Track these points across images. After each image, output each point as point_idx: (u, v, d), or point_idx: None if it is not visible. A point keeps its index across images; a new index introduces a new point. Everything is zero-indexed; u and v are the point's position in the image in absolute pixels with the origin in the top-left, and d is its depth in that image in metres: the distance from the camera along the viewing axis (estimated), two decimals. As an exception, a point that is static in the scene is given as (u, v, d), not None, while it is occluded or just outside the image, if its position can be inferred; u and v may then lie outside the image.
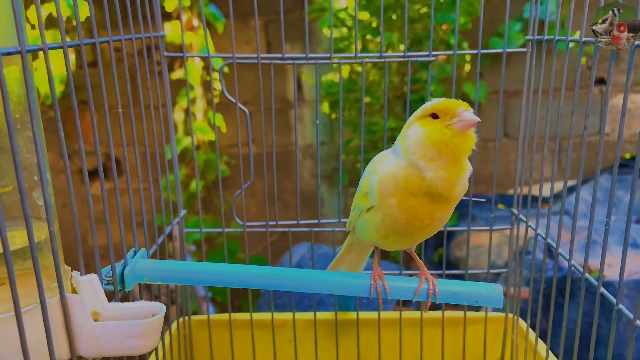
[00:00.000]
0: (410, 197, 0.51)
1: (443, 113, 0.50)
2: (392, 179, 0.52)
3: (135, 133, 0.54)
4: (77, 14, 0.43)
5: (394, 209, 0.52)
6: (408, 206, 0.51)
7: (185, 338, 0.79)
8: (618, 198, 1.45)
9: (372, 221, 0.55)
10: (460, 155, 0.50)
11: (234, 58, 0.71)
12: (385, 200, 0.52)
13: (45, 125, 0.45)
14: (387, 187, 0.52)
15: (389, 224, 0.53)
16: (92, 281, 0.45)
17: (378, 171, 0.53)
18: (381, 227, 0.54)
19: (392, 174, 0.52)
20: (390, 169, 0.52)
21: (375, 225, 0.55)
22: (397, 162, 0.52)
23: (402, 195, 0.51)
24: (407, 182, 0.51)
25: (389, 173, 0.52)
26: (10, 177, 0.41)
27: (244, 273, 0.57)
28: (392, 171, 0.52)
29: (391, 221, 0.53)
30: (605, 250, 0.48)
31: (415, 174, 0.50)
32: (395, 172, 0.52)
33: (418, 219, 0.52)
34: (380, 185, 0.52)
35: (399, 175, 0.51)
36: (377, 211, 0.54)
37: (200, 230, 0.78)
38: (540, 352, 0.66)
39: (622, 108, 0.43)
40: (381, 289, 0.57)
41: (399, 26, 1.44)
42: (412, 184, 0.50)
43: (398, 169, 0.51)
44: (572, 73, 1.41)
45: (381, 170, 0.53)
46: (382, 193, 0.52)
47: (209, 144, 1.58)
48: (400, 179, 0.51)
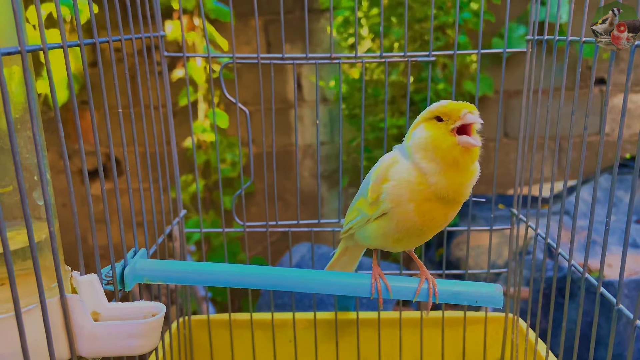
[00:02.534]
0: (425, 201, 0.50)
1: (447, 116, 0.50)
2: (407, 184, 0.51)
3: (135, 133, 0.54)
4: (77, 14, 0.43)
5: (411, 214, 0.51)
6: (425, 210, 0.51)
7: (185, 338, 0.79)
8: (618, 198, 1.45)
9: (383, 228, 0.54)
10: (464, 164, 0.49)
11: (234, 58, 0.71)
12: (401, 207, 0.51)
13: (45, 125, 0.45)
14: (403, 192, 0.51)
15: (404, 228, 0.53)
16: (92, 281, 0.45)
17: (391, 177, 0.52)
18: (395, 233, 0.53)
19: (407, 179, 0.51)
20: (404, 174, 0.51)
21: (388, 231, 0.54)
22: (408, 166, 0.51)
23: (418, 199, 0.51)
24: (420, 185, 0.50)
25: (403, 178, 0.51)
26: (10, 177, 0.41)
27: (244, 273, 0.57)
28: (407, 176, 0.51)
29: (407, 225, 0.52)
30: (605, 250, 0.48)
31: (424, 177, 0.50)
32: (409, 177, 0.51)
33: (433, 220, 0.52)
34: (396, 192, 0.51)
35: (412, 179, 0.51)
36: (390, 218, 0.53)
37: (200, 230, 0.78)
38: (540, 352, 0.66)
39: (622, 108, 0.43)
40: (382, 288, 0.56)
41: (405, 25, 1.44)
42: (424, 186, 0.50)
43: (411, 173, 0.51)
44: (572, 73, 1.41)
45: (395, 176, 0.52)
46: (398, 200, 0.51)
47: (211, 144, 1.58)
48: (414, 183, 0.50)
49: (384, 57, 0.72)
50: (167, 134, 0.68)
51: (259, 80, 0.74)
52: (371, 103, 1.51)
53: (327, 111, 1.65)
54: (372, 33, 1.47)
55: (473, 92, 1.51)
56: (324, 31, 1.60)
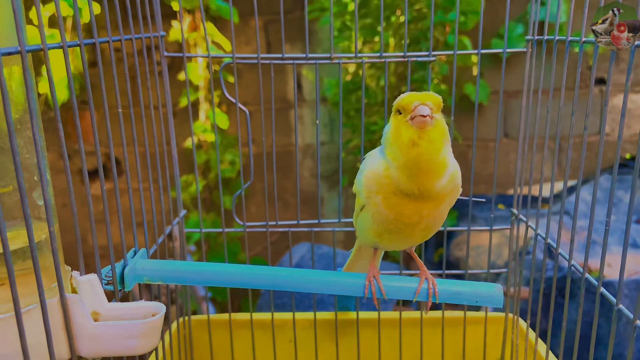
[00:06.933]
0: (392, 194, 0.51)
1: (403, 108, 0.49)
2: (375, 175, 0.52)
3: (135, 133, 0.54)
4: (77, 14, 0.43)
5: (380, 206, 0.52)
6: (392, 203, 0.51)
7: (185, 338, 0.79)
8: (618, 198, 1.45)
9: (366, 220, 0.55)
10: (427, 156, 0.48)
11: (234, 58, 0.71)
12: (371, 198, 0.53)
13: (45, 125, 0.45)
14: (371, 184, 0.52)
15: (379, 221, 0.53)
16: (92, 281, 0.45)
17: (364, 169, 0.54)
18: (373, 226, 0.54)
19: (374, 171, 0.52)
20: (374, 166, 0.53)
21: (369, 224, 0.55)
22: (380, 159, 0.52)
23: (385, 192, 0.51)
24: (386, 178, 0.51)
25: (372, 170, 0.53)
26: (10, 177, 0.41)
27: (244, 273, 0.57)
28: (375, 168, 0.52)
29: (381, 219, 0.53)
30: (605, 250, 0.48)
31: (389, 170, 0.51)
32: (377, 169, 0.52)
33: (405, 215, 0.51)
34: (366, 183, 0.53)
35: (380, 172, 0.52)
36: (367, 209, 0.54)
37: (201, 230, 0.78)
38: (540, 352, 0.66)
39: (622, 108, 0.43)
40: (376, 289, 0.57)
41: (399, 26, 1.44)
42: (389, 181, 0.51)
43: (379, 165, 0.52)
44: (572, 73, 1.41)
45: (366, 167, 0.54)
46: (368, 191, 0.53)
47: (212, 144, 1.58)
48: (381, 176, 0.51)
49: (384, 57, 0.72)
50: (167, 134, 0.68)
51: (259, 80, 0.74)
52: (365, 105, 1.50)
53: (326, 111, 1.65)
54: (360, 37, 1.47)
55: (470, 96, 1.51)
56: (324, 31, 1.60)
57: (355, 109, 1.51)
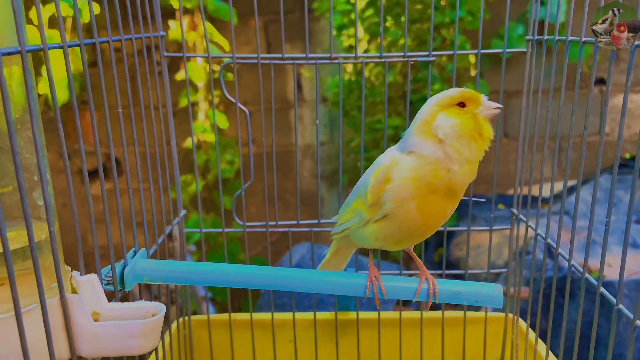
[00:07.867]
0: (428, 195, 0.50)
1: (470, 101, 0.51)
2: (412, 181, 0.50)
3: (135, 133, 0.54)
4: (77, 14, 0.43)
5: (413, 212, 0.51)
6: (425, 205, 0.51)
7: (185, 338, 0.79)
8: (618, 198, 1.45)
9: (384, 230, 0.54)
10: (486, 145, 0.51)
11: (234, 58, 0.71)
12: (403, 207, 0.51)
13: (45, 125, 0.45)
14: (406, 191, 0.51)
15: (405, 229, 0.52)
16: (92, 281, 0.45)
17: (394, 179, 0.51)
18: (396, 234, 0.53)
19: (412, 177, 0.50)
20: (409, 171, 0.51)
21: (389, 233, 0.54)
22: (417, 160, 0.51)
23: (422, 194, 0.50)
24: (434, 177, 0.50)
25: (408, 176, 0.51)
26: (10, 177, 0.41)
27: (244, 273, 0.57)
28: (412, 173, 0.50)
29: (409, 225, 0.52)
30: (605, 250, 0.48)
31: (443, 167, 0.50)
32: (416, 173, 0.50)
33: (433, 216, 0.52)
34: (400, 191, 0.51)
35: (421, 173, 0.50)
36: (392, 219, 0.52)
37: (200, 230, 0.78)
38: (540, 352, 0.66)
39: (622, 108, 0.43)
40: (377, 290, 0.57)
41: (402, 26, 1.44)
42: (438, 178, 0.50)
43: (419, 167, 0.50)
44: (572, 73, 1.41)
45: (398, 176, 0.51)
46: (400, 199, 0.51)
47: (211, 144, 1.58)
48: (423, 178, 0.50)
49: (384, 57, 0.72)
50: (167, 134, 0.68)
51: (259, 80, 0.74)
52: (367, 104, 1.51)
53: (326, 111, 1.65)
54: (367, 34, 1.47)
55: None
56: (324, 32, 1.60)
57: (357, 107, 1.51)
